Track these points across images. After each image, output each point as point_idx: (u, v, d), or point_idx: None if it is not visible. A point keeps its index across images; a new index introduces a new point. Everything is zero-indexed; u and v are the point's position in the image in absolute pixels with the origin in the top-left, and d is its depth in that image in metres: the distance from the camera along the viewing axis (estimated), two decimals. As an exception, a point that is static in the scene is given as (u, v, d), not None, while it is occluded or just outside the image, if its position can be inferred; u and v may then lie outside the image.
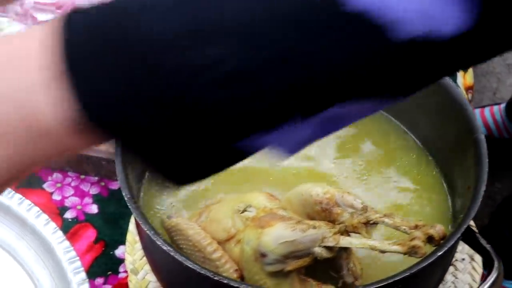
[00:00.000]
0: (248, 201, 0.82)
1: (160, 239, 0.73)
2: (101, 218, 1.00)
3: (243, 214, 0.81)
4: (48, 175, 1.04)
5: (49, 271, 0.92)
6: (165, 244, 0.72)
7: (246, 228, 0.79)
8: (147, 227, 0.74)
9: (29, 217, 0.94)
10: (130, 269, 0.93)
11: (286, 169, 0.92)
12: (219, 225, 0.82)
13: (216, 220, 0.82)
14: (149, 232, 0.73)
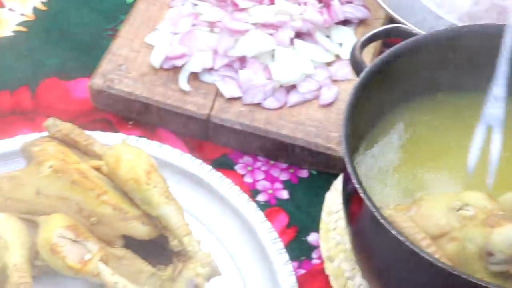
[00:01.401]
0: (466, 199, 0.82)
1: (391, 226, 0.74)
2: (292, 204, 1.02)
3: (459, 212, 0.81)
4: (238, 157, 1.07)
5: (249, 250, 0.94)
6: (398, 232, 0.73)
7: (467, 226, 0.79)
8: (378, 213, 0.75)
9: (230, 196, 0.97)
10: (326, 256, 0.95)
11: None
12: (431, 221, 0.82)
13: (428, 216, 0.82)
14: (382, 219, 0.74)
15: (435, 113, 0.92)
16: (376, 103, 0.90)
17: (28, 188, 0.87)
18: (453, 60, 0.92)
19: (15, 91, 1.13)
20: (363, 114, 0.87)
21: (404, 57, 0.88)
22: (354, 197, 0.83)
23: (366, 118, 0.90)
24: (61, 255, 0.78)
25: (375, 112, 0.91)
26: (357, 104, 0.84)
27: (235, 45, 1.08)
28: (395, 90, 0.90)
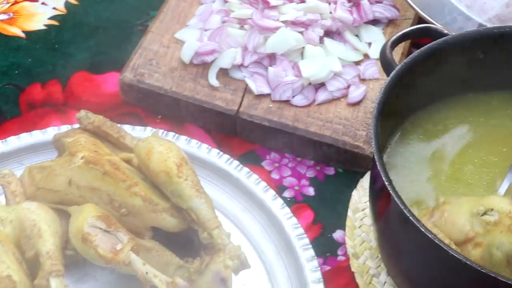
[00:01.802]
0: (489, 204, 0.82)
1: (420, 223, 0.75)
2: (318, 200, 1.03)
3: (483, 217, 0.81)
4: (266, 154, 1.08)
5: (274, 245, 0.95)
6: (428, 230, 0.74)
7: (492, 232, 0.79)
8: (407, 211, 0.76)
9: (258, 191, 0.98)
10: (351, 253, 0.96)
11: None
12: (455, 227, 0.81)
13: (451, 221, 0.82)
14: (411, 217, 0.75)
15: (465, 113, 0.92)
16: (406, 102, 0.90)
17: (60, 178, 0.88)
18: (483, 60, 0.92)
19: (46, 84, 1.14)
20: (393, 113, 0.88)
21: (435, 56, 0.89)
22: (381, 195, 0.84)
23: (395, 117, 0.91)
24: (93, 244, 0.79)
25: (404, 111, 0.92)
26: (387, 102, 0.85)
27: (265, 42, 1.09)
28: (425, 90, 0.91)
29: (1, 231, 0.83)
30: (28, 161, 1.00)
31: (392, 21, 1.16)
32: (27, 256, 0.82)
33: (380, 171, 0.78)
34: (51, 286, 0.77)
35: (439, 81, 0.91)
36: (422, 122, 0.93)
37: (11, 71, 1.15)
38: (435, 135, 0.92)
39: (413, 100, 0.91)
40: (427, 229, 0.74)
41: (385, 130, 0.87)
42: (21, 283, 0.79)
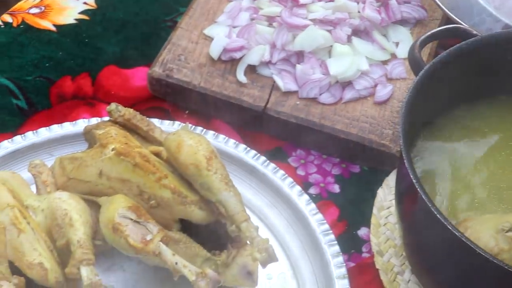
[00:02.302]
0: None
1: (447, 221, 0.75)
2: (343, 198, 1.04)
3: (508, 233, 0.80)
4: (292, 150, 1.09)
5: (300, 240, 0.96)
6: (455, 228, 0.75)
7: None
8: (435, 209, 0.76)
9: (284, 187, 0.99)
10: (376, 250, 0.96)
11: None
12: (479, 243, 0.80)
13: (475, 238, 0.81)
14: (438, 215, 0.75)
15: (495, 116, 0.93)
16: (434, 102, 0.90)
17: (90, 169, 0.90)
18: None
19: (76, 77, 1.16)
20: (420, 112, 0.88)
21: (464, 57, 0.89)
22: (408, 192, 0.85)
23: (423, 117, 0.91)
24: (124, 234, 0.80)
25: (432, 111, 0.92)
26: (415, 101, 0.85)
27: (293, 40, 1.10)
28: (453, 91, 0.91)
29: (33, 219, 0.84)
30: (58, 152, 1.02)
31: (420, 22, 1.17)
32: (58, 244, 0.83)
33: (408, 169, 0.79)
34: (82, 274, 0.79)
35: (468, 82, 0.91)
36: (449, 124, 0.93)
37: (42, 64, 1.17)
38: (462, 137, 0.92)
39: (441, 101, 0.92)
40: (454, 227, 0.74)
41: (412, 129, 0.88)
42: (52, 270, 0.81)
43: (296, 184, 0.99)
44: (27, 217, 0.84)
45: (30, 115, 1.11)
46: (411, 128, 0.86)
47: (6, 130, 1.09)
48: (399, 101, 1.07)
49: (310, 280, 0.93)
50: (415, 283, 0.93)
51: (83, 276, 0.79)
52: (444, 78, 0.89)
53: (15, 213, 0.83)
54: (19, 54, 1.18)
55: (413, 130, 0.89)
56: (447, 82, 0.89)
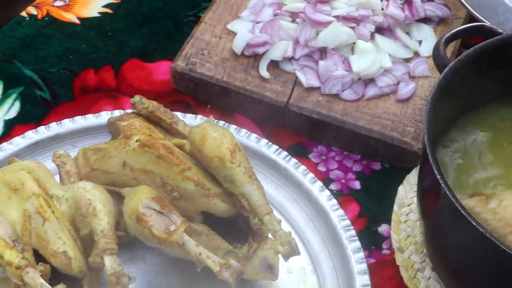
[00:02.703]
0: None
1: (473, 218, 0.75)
2: (364, 194, 1.04)
3: None
4: (313, 146, 1.09)
5: (320, 235, 0.96)
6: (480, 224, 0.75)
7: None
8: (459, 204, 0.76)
9: (305, 182, 0.99)
10: (396, 247, 0.96)
11: None
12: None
13: (510, 210, 0.83)
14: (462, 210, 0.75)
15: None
16: (458, 100, 0.90)
17: (114, 160, 0.90)
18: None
19: (99, 70, 1.17)
20: (445, 110, 0.88)
21: (489, 55, 0.89)
22: (432, 189, 0.85)
23: (447, 115, 0.91)
24: (148, 224, 0.81)
25: (456, 110, 0.92)
26: (440, 98, 0.86)
27: (316, 36, 1.10)
28: (478, 89, 0.91)
29: (58, 208, 0.85)
30: (81, 143, 1.03)
31: (443, 20, 1.17)
32: (81, 234, 0.84)
33: (433, 164, 0.79)
34: (105, 263, 0.79)
35: (493, 81, 0.91)
36: (474, 122, 0.93)
37: (66, 56, 1.18)
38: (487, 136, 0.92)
39: (466, 99, 0.91)
40: (479, 223, 0.74)
41: (437, 126, 0.87)
42: (76, 259, 0.81)
43: (317, 180, 0.99)
44: (52, 206, 0.85)
45: (54, 106, 1.12)
46: (434, 126, 0.86)
47: (30, 121, 1.10)
48: (421, 99, 1.07)
49: (331, 275, 0.93)
50: (435, 281, 0.93)
51: (106, 266, 0.79)
52: (469, 76, 0.89)
53: (40, 202, 0.84)
54: (43, 46, 1.19)
55: (436, 127, 0.89)
56: (471, 80, 0.89)
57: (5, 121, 1.09)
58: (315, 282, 0.93)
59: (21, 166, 0.90)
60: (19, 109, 1.11)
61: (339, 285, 0.92)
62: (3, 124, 1.09)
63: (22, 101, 1.12)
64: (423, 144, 0.83)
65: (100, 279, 0.87)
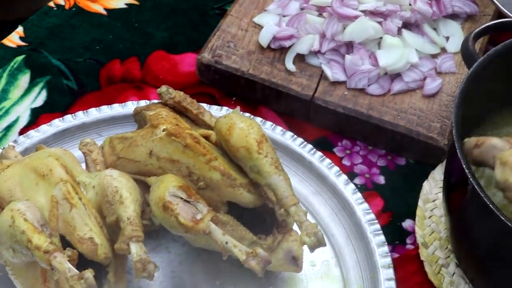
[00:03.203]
0: None
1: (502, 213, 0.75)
2: (388, 189, 1.04)
3: None
4: (337, 140, 1.09)
5: (344, 229, 0.96)
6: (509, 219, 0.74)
7: None
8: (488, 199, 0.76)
9: (330, 175, 0.99)
10: (421, 242, 0.96)
11: None
12: None
13: None
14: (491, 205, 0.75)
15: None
16: (486, 96, 0.90)
17: (141, 149, 0.91)
18: None
19: (125, 61, 1.17)
20: (473, 106, 0.88)
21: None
22: (458, 185, 0.84)
23: (475, 111, 0.90)
24: (174, 212, 0.81)
25: (484, 106, 0.91)
26: (468, 93, 0.85)
27: (343, 31, 1.10)
28: (507, 85, 0.91)
29: (84, 195, 0.85)
30: (107, 133, 1.03)
31: (471, 17, 1.16)
32: (108, 221, 0.84)
33: (461, 158, 0.79)
34: (131, 250, 0.79)
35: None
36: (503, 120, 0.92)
37: (92, 46, 1.18)
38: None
39: (494, 95, 0.91)
40: (508, 218, 0.74)
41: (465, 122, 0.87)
42: (102, 246, 0.82)
43: (342, 173, 0.99)
44: (79, 193, 0.85)
45: (80, 96, 1.12)
46: (463, 120, 0.85)
47: (56, 109, 1.10)
48: (448, 95, 1.07)
49: (354, 268, 0.93)
50: (460, 277, 0.92)
51: (132, 253, 0.79)
52: (499, 72, 0.88)
53: (68, 188, 0.84)
54: (71, 36, 1.19)
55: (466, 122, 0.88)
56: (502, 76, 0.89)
57: (32, 110, 1.10)
58: (338, 275, 0.93)
59: (49, 152, 0.90)
60: (45, 98, 1.12)
61: (363, 278, 0.92)
62: (30, 112, 1.10)
63: (49, 90, 1.13)
64: (451, 137, 0.83)
65: (124, 267, 0.87)
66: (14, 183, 0.87)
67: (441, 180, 1.01)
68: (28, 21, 1.21)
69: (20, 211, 0.78)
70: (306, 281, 0.93)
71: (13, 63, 1.15)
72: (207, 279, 0.93)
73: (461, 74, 1.09)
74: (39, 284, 0.82)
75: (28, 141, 1.00)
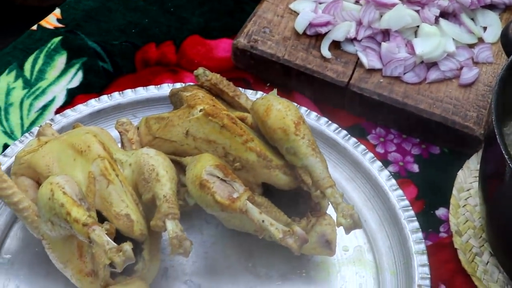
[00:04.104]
0: None
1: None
2: (422, 177, 1.03)
3: None
4: (371, 128, 1.09)
5: (378, 215, 0.96)
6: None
7: None
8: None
9: (364, 161, 0.99)
10: (454, 230, 0.96)
11: None
12: None
13: None
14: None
15: None
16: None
17: (177, 129, 0.91)
18: None
19: (161, 44, 1.18)
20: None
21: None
22: (495, 172, 0.84)
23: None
24: (211, 190, 0.81)
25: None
26: (508, 81, 0.85)
27: (380, 18, 1.09)
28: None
29: (121, 172, 0.86)
30: (142, 114, 1.03)
31: (509, 7, 1.15)
32: (144, 198, 0.84)
33: (500, 144, 0.78)
34: (167, 227, 0.80)
35: None
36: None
37: (128, 29, 1.19)
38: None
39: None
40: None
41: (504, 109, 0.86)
42: (138, 222, 0.82)
43: (376, 160, 0.99)
44: (116, 170, 0.86)
45: (115, 78, 1.13)
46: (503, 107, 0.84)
47: (92, 90, 1.11)
48: (484, 85, 1.06)
49: (387, 254, 0.93)
50: (494, 266, 0.92)
51: (168, 230, 0.80)
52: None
53: (105, 164, 0.85)
54: (107, 19, 1.20)
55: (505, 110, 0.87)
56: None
57: (68, 90, 1.11)
58: (371, 260, 0.93)
59: (87, 129, 0.91)
60: (81, 79, 1.13)
61: (396, 264, 0.91)
62: (66, 93, 1.11)
63: (85, 72, 1.14)
64: (490, 125, 0.83)
65: (159, 245, 0.88)
66: (52, 159, 0.88)
67: (476, 170, 1.00)
68: (65, 4, 1.22)
69: (59, 184, 0.79)
70: (338, 265, 0.93)
71: (50, 44, 1.16)
72: (239, 261, 0.93)
73: (498, 64, 1.08)
74: (75, 259, 0.83)
75: (65, 120, 1.01)
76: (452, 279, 0.94)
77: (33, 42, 1.17)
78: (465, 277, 0.93)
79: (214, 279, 0.92)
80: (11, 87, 1.11)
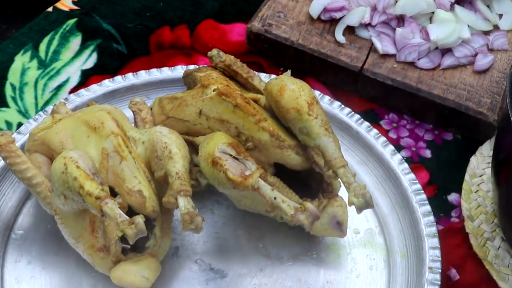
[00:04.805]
0: None
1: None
2: (434, 163, 1.03)
3: None
4: (384, 113, 1.08)
5: (389, 198, 0.96)
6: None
7: None
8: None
9: (377, 145, 0.99)
10: (466, 215, 0.95)
11: None
12: None
13: None
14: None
15: None
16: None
17: (190, 109, 0.91)
18: None
19: (175, 28, 1.18)
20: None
21: None
22: (508, 159, 0.84)
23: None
24: (223, 168, 0.81)
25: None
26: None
27: (395, 4, 1.09)
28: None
29: (134, 149, 0.86)
30: (155, 95, 1.04)
31: (525, -5, 1.15)
32: (156, 176, 0.85)
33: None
34: (179, 204, 0.80)
35: None
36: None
37: (143, 12, 1.19)
38: None
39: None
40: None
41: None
42: (150, 199, 0.83)
43: (389, 143, 0.99)
44: (129, 146, 0.86)
45: (130, 60, 1.14)
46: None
47: (106, 72, 1.12)
48: (499, 72, 1.06)
49: (398, 237, 0.93)
50: (505, 250, 0.92)
51: (180, 206, 0.80)
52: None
53: (119, 141, 0.85)
54: (122, 2, 1.21)
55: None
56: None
57: (82, 71, 1.12)
58: (382, 243, 0.93)
59: (101, 107, 0.91)
60: (96, 60, 1.13)
61: (407, 247, 0.91)
62: (80, 73, 1.11)
63: (99, 53, 1.14)
64: (504, 111, 0.82)
65: (170, 223, 0.88)
66: (66, 135, 0.88)
67: (489, 156, 1.00)
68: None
69: (72, 158, 0.79)
70: (349, 248, 0.93)
71: (65, 25, 1.17)
72: (250, 242, 0.93)
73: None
74: (87, 234, 0.83)
75: (79, 100, 1.02)
76: (463, 264, 0.94)
77: (48, 24, 1.17)
78: (476, 261, 0.93)
79: (225, 259, 0.92)
80: (26, 67, 1.12)
